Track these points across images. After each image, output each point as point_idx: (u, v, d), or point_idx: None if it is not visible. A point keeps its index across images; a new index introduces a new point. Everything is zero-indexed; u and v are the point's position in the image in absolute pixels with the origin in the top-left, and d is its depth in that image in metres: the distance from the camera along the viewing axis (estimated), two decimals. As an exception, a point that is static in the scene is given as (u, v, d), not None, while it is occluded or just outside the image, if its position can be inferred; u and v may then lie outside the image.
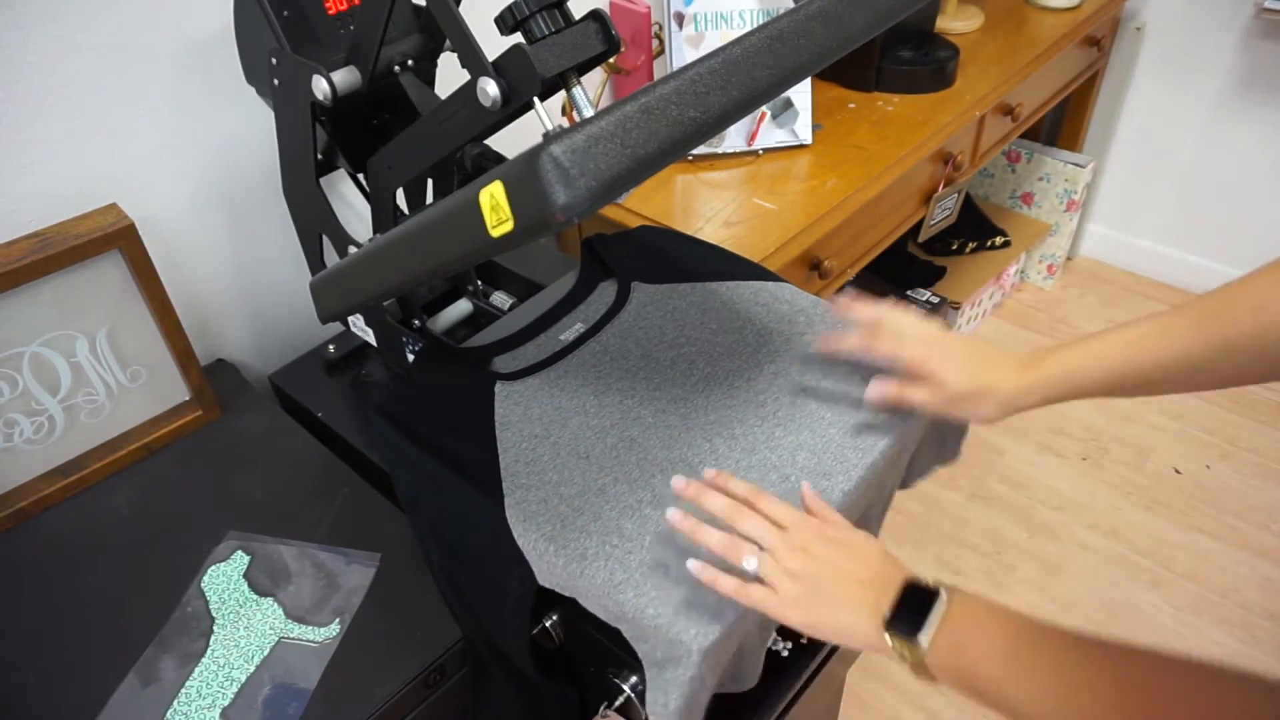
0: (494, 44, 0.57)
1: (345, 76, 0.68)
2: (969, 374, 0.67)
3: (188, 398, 0.89)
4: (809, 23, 0.52)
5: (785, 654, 0.83)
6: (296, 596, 0.72)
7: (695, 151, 1.32)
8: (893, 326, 0.71)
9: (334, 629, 0.70)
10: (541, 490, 0.68)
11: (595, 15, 0.60)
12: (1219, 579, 1.57)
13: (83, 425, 0.83)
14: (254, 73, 0.77)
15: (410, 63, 0.74)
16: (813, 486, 0.67)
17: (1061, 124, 2.13)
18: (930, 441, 0.82)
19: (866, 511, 0.80)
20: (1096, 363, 0.64)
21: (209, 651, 0.68)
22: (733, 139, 1.32)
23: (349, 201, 1.02)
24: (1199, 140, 1.99)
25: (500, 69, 0.57)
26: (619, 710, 0.66)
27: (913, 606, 0.54)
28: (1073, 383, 0.65)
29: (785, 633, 0.82)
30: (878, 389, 0.70)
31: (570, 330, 0.85)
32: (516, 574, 0.65)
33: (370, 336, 0.91)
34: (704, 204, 1.23)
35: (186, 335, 0.86)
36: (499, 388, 0.78)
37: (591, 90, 1.39)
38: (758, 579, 0.58)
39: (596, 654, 0.67)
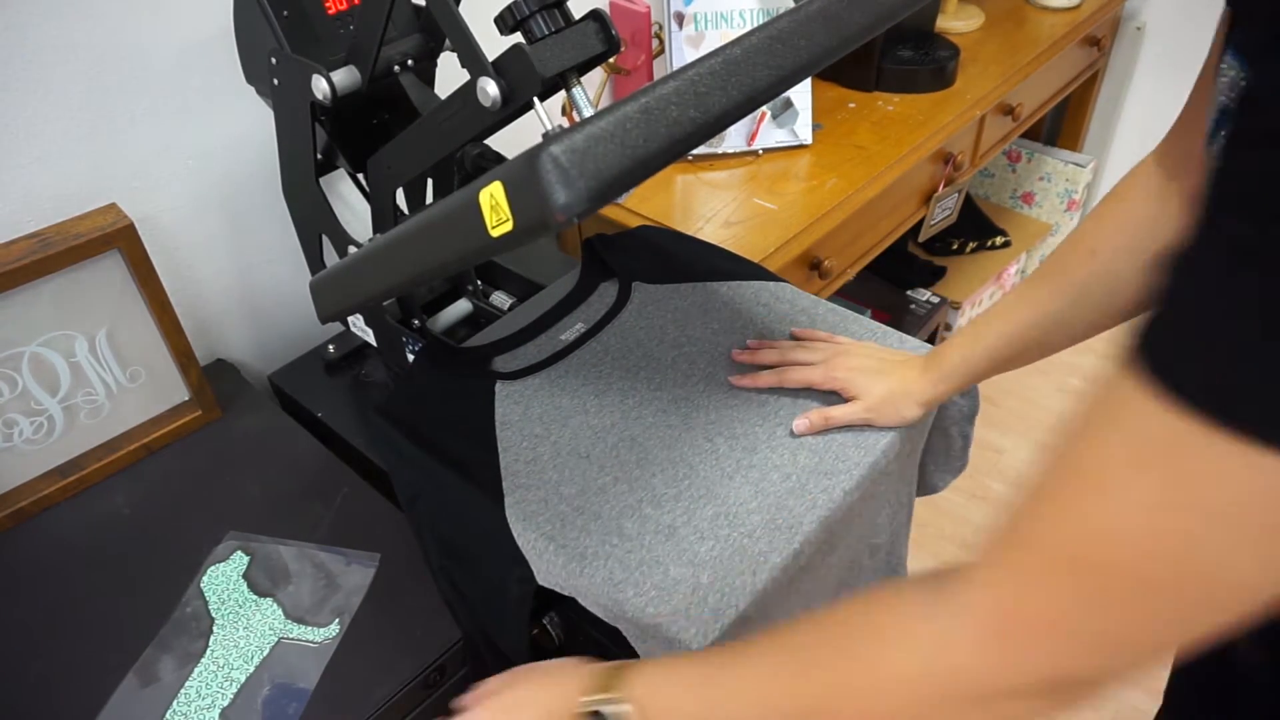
0: (494, 44, 0.57)
1: (345, 76, 0.68)
2: (882, 382, 0.72)
3: (187, 398, 0.89)
4: (809, 23, 0.52)
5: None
6: (296, 596, 0.72)
7: (695, 151, 1.32)
8: (797, 358, 0.76)
9: (334, 629, 0.70)
10: (541, 490, 0.68)
11: (595, 15, 0.60)
12: (1219, 579, 1.56)
13: (82, 425, 0.83)
14: (254, 73, 0.77)
15: (410, 63, 0.74)
16: (815, 485, 0.67)
17: (1062, 124, 2.13)
18: (937, 450, 0.83)
19: (890, 523, 0.80)
20: (980, 344, 0.68)
21: (208, 652, 0.68)
22: (733, 139, 1.32)
23: (349, 202, 1.02)
24: (1199, 140, 1.99)
25: (500, 69, 0.57)
26: (619, 710, 0.66)
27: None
28: (968, 367, 0.69)
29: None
30: (802, 422, 0.73)
31: (571, 330, 0.85)
32: (516, 574, 0.65)
33: (370, 336, 0.91)
34: (704, 204, 1.23)
35: (186, 335, 0.86)
36: (499, 387, 0.78)
37: (591, 90, 1.39)
38: None
39: (596, 654, 0.67)
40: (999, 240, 2.09)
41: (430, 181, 0.91)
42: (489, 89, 0.57)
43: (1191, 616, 0.31)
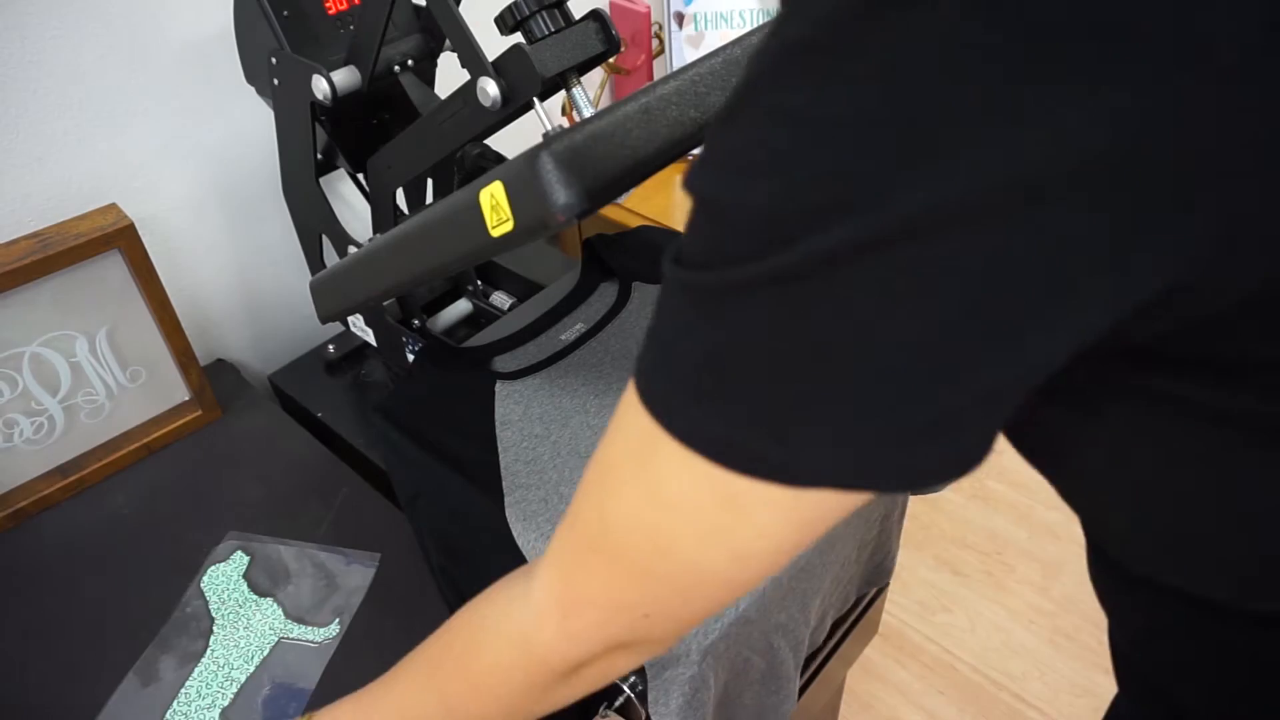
0: (494, 44, 0.57)
1: (345, 76, 0.68)
2: None
3: (188, 398, 0.89)
4: (809, 23, 0.52)
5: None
6: (296, 596, 0.72)
7: (695, 151, 1.32)
8: None
9: (334, 629, 0.70)
10: (541, 490, 0.68)
11: (595, 15, 0.60)
12: (1219, 579, 1.56)
13: (82, 425, 0.83)
14: (254, 73, 0.78)
15: (410, 63, 0.74)
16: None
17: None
18: None
19: (882, 521, 0.80)
20: None
21: (209, 651, 0.68)
22: (733, 139, 1.32)
23: (349, 201, 1.02)
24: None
25: (500, 69, 0.57)
26: (619, 710, 0.66)
27: None
28: None
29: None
30: None
31: (571, 330, 0.85)
32: (516, 574, 0.65)
33: (370, 336, 0.91)
34: (704, 204, 1.23)
35: (186, 335, 0.86)
36: (499, 387, 0.78)
37: (591, 90, 1.39)
38: None
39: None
40: (999, 240, 2.09)
41: (430, 181, 0.91)
42: (489, 89, 0.57)
43: (700, 594, 0.35)
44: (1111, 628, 0.44)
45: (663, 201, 1.24)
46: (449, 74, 0.73)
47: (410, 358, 0.87)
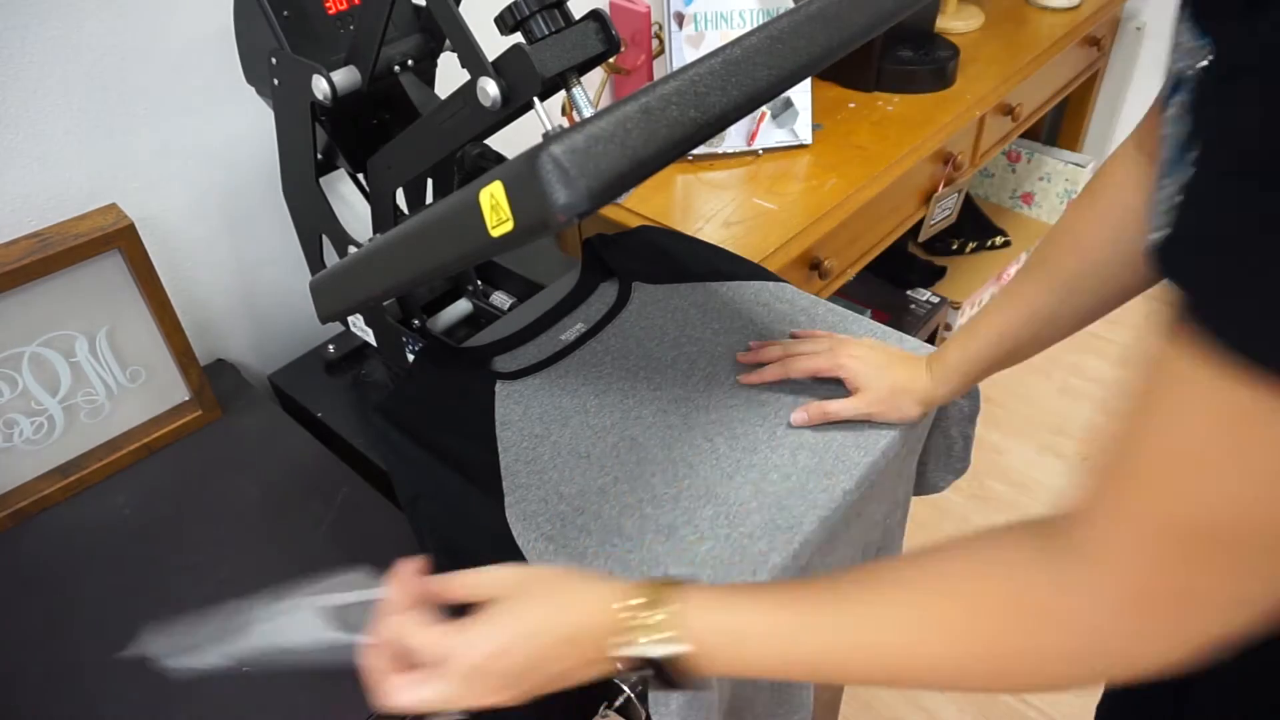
0: (494, 44, 0.57)
1: (345, 76, 0.68)
2: (886, 377, 0.72)
3: (188, 398, 0.89)
4: (809, 23, 0.52)
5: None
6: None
7: (695, 151, 1.32)
8: (801, 350, 0.76)
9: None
10: (541, 490, 0.68)
11: (595, 15, 0.60)
12: (1219, 579, 1.56)
13: (82, 425, 0.83)
14: (254, 73, 0.77)
15: (410, 63, 0.74)
16: (815, 485, 0.67)
17: (1061, 124, 2.13)
18: (938, 450, 0.83)
19: (885, 521, 0.80)
20: (974, 345, 0.69)
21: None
22: (733, 139, 1.32)
23: (349, 201, 1.02)
24: (1199, 140, 1.99)
25: (500, 69, 0.57)
26: (619, 710, 0.66)
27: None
28: (968, 367, 0.70)
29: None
30: (800, 415, 0.73)
31: (571, 330, 0.85)
32: (516, 574, 0.65)
33: (370, 336, 0.91)
34: (704, 204, 1.23)
35: (186, 335, 0.86)
36: (499, 387, 0.78)
37: (591, 90, 1.39)
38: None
39: (596, 654, 0.67)
40: (999, 240, 2.09)
41: (430, 181, 0.91)
42: (489, 89, 0.57)
43: None
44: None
45: (663, 201, 1.24)
46: (449, 74, 0.73)
47: (410, 358, 0.87)
